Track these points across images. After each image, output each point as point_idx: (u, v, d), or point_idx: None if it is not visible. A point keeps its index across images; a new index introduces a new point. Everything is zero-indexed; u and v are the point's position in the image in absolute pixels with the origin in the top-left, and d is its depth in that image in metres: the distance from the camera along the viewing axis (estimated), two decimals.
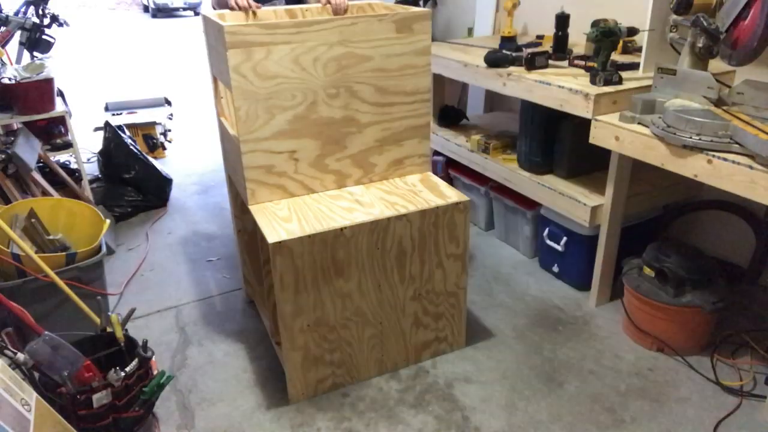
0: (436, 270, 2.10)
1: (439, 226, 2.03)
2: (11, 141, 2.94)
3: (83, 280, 2.24)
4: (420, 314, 2.14)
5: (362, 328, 2.06)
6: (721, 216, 2.63)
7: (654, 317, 2.21)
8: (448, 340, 2.26)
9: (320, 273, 1.91)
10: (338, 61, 1.95)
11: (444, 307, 2.18)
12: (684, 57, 2.09)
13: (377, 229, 1.93)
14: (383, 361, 2.16)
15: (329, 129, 2.04)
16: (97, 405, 1.67)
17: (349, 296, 1.98)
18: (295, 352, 1.98)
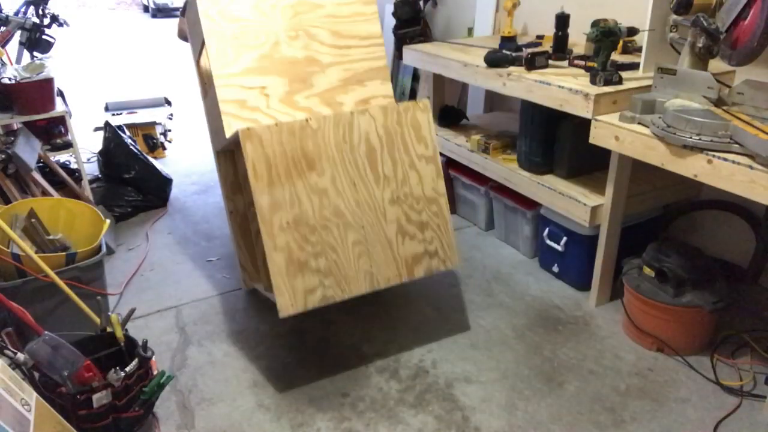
0: (410, 171, 2.16)
1: (403, 124, 2.15)
2: (11, 141, 2.94)
3: (83, 280, 2.24)
4: (403, 221, 2.14)
5: (344, 232, 2.05)
6: (721, 216, 2.63)
7: (654, 317, 2.21)
8: (440, 255, 2.20)
9: (292, 165, 1.99)
10: (293, 8, 2.26)
11: (427, 215, 2.17)
12: (684, 57, 2.09)
13: (342, 122, 2.06)
14: (373, 275, 2.09)
15: (294, 68, 2.25)
16: (97, 405, 1.67)
17: (326, 193, 2.03)
18: (277, 253, 1.95)
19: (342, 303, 2.62)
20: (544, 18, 3.29)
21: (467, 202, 3.36)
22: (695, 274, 2.14)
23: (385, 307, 2.60)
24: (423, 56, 3.24)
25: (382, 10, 4.94)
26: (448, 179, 3.40)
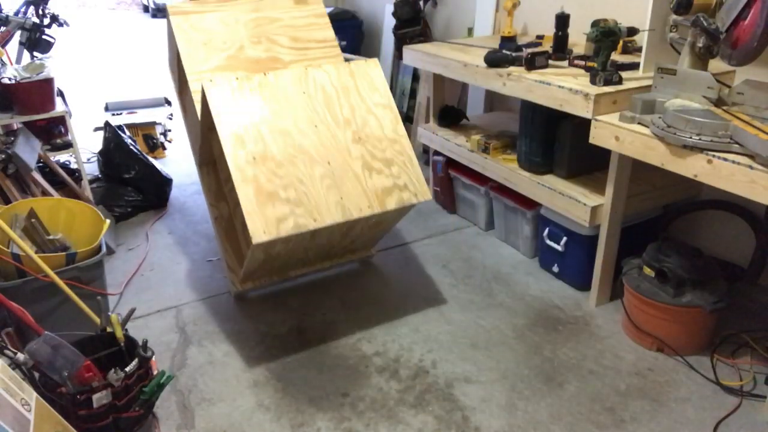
0: (368, 116, 2.33)
1: (356, 77, 2.37)
2: (11, 141, 2.94)
3: (83, 280, 2.24)
4: (368, 158, 2.26)
5: (311, 167, 2.16)
6: (721, 216, 2.63)
7: (654, 317, 2.21)
8: (410, 188, 2.29)
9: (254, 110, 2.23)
10: (255, 21, 2.59)
11: (391, 153, 2.30)
12: (684, 57, 2.09)
13: (297, 75, 2.29)
14: (344, 205, 2.16)
15: (258, 65, 2.52)
16: (97, 405, 1.67)
17: (288, 133, 2.18)
18: (246, 184, 2.05)
19: (341, 302, 2.64)
20: (544, 18, 3.29)
21: (467, 202, 3.36)
22: (695, 274, 2.14)
23: (385, 307, 2.61)
24: (423, 56, 3.24)
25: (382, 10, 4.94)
26: (448, 179, 3.40)
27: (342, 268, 2.91)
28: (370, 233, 2.56)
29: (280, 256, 2.37)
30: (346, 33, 5.18)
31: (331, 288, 2.77)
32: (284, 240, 2.09)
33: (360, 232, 2.46)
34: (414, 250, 3.09)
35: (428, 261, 2.97)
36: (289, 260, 2.51)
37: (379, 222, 2.38)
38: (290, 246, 2.26)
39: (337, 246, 2.58)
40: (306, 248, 2.41)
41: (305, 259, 2.58)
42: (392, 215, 2.33)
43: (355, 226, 2.33)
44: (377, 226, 2.45)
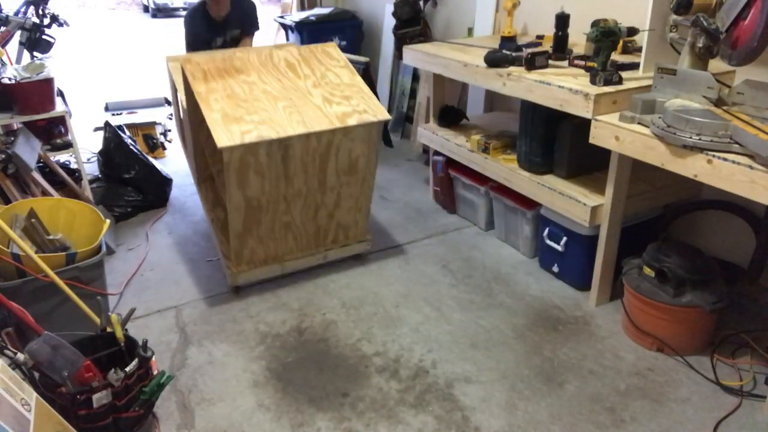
0: (327, 72, 2.64)
1: (316, 53, 2.75)
2: (11, 141, 2.94)
3: (83, 280, 2.24)
4: (327, 95, 2.51)
5: (274, 102, 2.43)
6: (721, 216, 2.62)
7: (654, 317, 2.21)
8: (369, 112, 2.47)
9: (224, 72, 2.52)
10: None
11: (349, 92, 2.54)
12: (684, 57, 2.09)
13: (263, 52, 2.68)
14: (305, 122, 2.36)
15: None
16: (97, 405, 1.67)
17: (254, 84, 2.50)
18: (214, 112, 2.30)
19: (341, 303, 2.64)
20: (544, 18, 3.28)
21: (467, 202, 3.36)
22: (695, 274, 2.14)
23: (385, 307, 2.61)
24: (423, 56, 3.24)
25: (382, 10, 4.94)
26: (448, 179, 3.40)
27: (342, 269, 2.91)
28: (349, 179, 2.60)
29: (261, 205, 2.44)
30: (346, 33, 5.18)
31: (331, 288, 2.77)
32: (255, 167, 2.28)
33: (336, 172, 2.53)
34: (414, 250, 3.09)
35: (428, 261, 2.97)
36: (274, 223, 2.56)
37: (350, 152, 2.49)
38: (265, 186, 2.37)
39: (321, 205, 2.62)
40: (286, 199, 2.48)
41: (291, 224, 2.62)
42: (358, 138, 2.45)
43: (328, 162, 2.46)
44: (351, 162, 2.53)
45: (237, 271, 2.65)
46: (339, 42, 5.12)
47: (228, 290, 2.77)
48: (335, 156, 2.48)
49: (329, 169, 2.52)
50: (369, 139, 2.49)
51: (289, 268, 2.77)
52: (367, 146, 2.53)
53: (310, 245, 2.77)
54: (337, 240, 2.84)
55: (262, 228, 2.55)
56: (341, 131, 2.39)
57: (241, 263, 2.65)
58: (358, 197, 2.71)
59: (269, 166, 2.35)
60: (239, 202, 2.39)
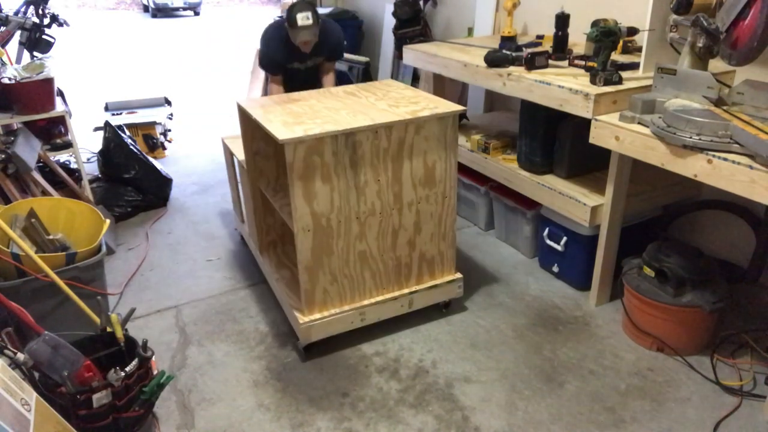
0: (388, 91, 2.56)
1: (375, 84, 2.74)
2: (11, 141, 2.94)
3: (83, 280, 2.24)
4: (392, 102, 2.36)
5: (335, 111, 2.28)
6: (721, 216, 2.63)
7: (654, 317, 2.21)
8: (439, 107, 2.26)
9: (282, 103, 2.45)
10: None
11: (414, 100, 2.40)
12: (684, 57, 2.09)
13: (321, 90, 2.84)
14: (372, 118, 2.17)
15: None
16: (97, 405, 1.67)
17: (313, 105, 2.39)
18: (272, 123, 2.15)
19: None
20: (544, 18, 3.29)
21: (467, 202, 3.36)
22: (695, 274, 2.14)
23: None
24: (423, 56, 3.24)
25: (382, 10, 4.94)
26: None
27: None
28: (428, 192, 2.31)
29: (331, 226, 2.15)
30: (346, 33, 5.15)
31: None
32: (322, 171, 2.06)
33: (412, 181, 2.25)
34: None
35: None
36: (348, 253, 2.23)
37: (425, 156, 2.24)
38: (334, 198, 2.12)
39: (400, 228, 2.30)
40: (359, 218, 2.19)
41: (367, 254, 2.27)
42: (432, 137, 2.22)
43: (401, 168, 2.22)
44: (428, 169, 2.27)
45: (309, 320, 2.23)
46: None
47: (227, 291, 2.76)
48: (409, 160, 2.21)
49: (404, 178, 2.23)
50: (445, 138, 2.24)
51: (369, 317, 2.36)
52: (443, 148, 2.26)
53: (391, 285, 2.39)
54: (422, 278, 2.45)
55: (334, 259, 2.21)
56: (413, 126, 2.16)
57: (312, 308, 2.25)
58: (440, 218, 2.38)
59: (336, 171, 2.09)
60: (307, 220, 2.10)
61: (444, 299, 2.51)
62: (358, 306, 2.31)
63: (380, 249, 2.29)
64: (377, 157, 2.15)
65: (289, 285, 2.50)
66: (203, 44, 11.43)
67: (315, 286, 2.22)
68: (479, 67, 2.75)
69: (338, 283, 2.26)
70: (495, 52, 2.68)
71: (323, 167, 2.06)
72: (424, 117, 2.16)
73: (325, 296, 2.26)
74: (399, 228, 2.30)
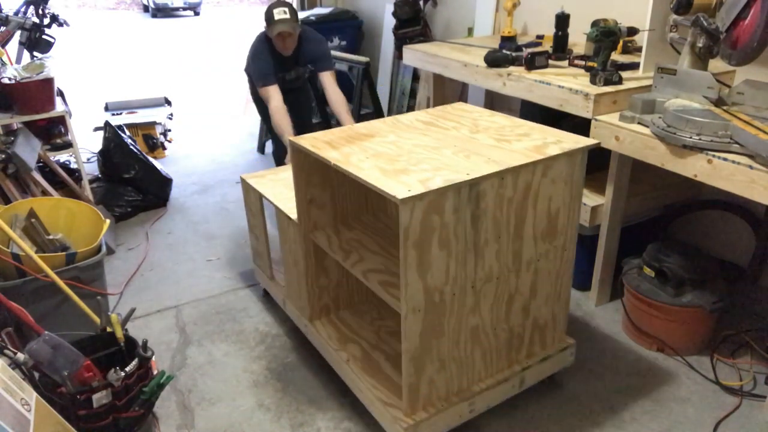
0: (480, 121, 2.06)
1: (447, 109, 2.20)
2: (11, 141, 2.94)
3: (83, 280, 2.24)
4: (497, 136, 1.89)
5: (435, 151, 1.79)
6: (721, 216, 2.63)
7: (654, 317, 2.21)
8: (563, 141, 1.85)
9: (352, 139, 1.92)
10: None
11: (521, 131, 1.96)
12: (684, 57, 2.09)
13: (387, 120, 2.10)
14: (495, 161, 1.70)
15: None
16: (97, 405, 1.67)
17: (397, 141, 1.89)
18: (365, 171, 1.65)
19: None
20: (544, 18, 3.29)
21: None
22: (695, 274, 2.14)
23: None
24: (423, 56, 3.24)
25: (382, 10, 4.94)
26: None
27: None
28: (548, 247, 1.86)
29: (444, 301, 1.67)
30: (346, 33, 5.18)
31: None
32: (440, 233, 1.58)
33: (534, 235, 1.80)
34: None
35: None
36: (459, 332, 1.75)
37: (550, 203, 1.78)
38: (450, 266, 1.65)
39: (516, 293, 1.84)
40: (475, 287, 1.73)
41: (479, 329, 1.80)
42: (560, 179, 1.77)
43: (524, 219, 1.74)
44: (551, 218, 1.81)
45: (414, 422, 1.73)
46: (339, 42, 5.12)
47: (227, 291, 2.76)
48: (533, 209, 1.76)
49: (526, 232, 1.78)
50: (571, 179, 1.80)
51: (479, 407, 1.89)
52: (569, 192, 1.83)
53: (501, 362, 1.93)
54: (533, 350, 2.00)
55: (443, 342, 1.73)
56: (541, 167, 1.71)
57: (417, 406, 1.76)
58: (557, 276, 1.93)
59: (456, 232, 1.62)
60: (418, 299, 1.62)
61: (555, 370, 2.07)
62: (467, 395, 1.85)
63: (494, 321, 1.84)
64: (501, 209, 1.69)
65: (365, 368, 1.99)
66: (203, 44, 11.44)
67: (420, 378, 1.73)
68: (479, 67, 2.75)
69: (446, 370, 1.79)
70: (495, 52, 2.68)
71: (442, 229, 1.59)
72: (553, 156, 1.72)
73: (431, 388, 1.77)
74: (515, 293, 1.85)
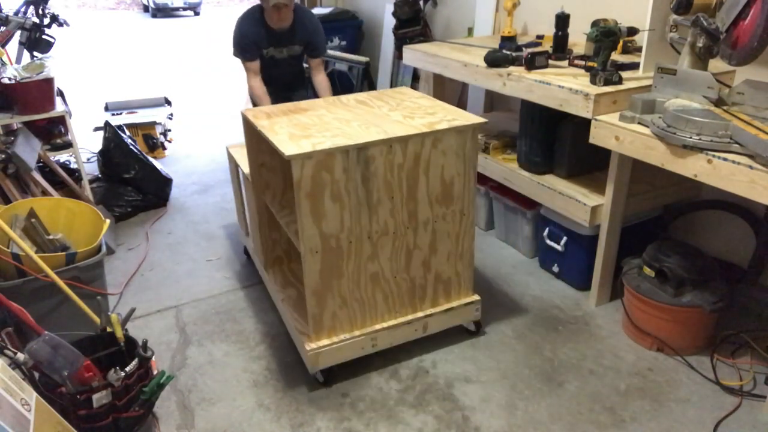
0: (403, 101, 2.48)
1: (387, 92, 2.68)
2: (11, 141, 2.94)
3: (83, 280, 2.24)
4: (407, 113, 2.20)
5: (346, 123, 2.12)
6: (721, 216, 2.62)
7: (654, 317, 2.21)
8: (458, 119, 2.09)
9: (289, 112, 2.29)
10: None
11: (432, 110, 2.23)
12: (684, 57, 2.09)
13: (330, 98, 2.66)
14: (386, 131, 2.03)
15: None
16: (97, 405, 1.67)
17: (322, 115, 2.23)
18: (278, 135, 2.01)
19: None
20: (544, 18, 3.29)
21: None
22: (695, 274, 2.14)
23: None
24: (423, 56, 3.24)
25: (382, 10, 4.94)
26: None
27: None
28: (445, 211, 2.14)
29: (341, 247, 1.99)
30: (346, 33, 5.19)
31: None
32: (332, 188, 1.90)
33: (429, 199, 2.09)
34: None
35: None
36: (359, 275, 2.08)
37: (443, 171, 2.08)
38: (345, 218, 1.96)
39: (414, 248, 2.14)
40: (371, 238, 2.04)
41: (379, 276, 2.12)
42: (451, 151, 2.05)
43: (417, 184, 2.05)
44: (445, 185, 2.10)
45: (317, 347, 2.08)
46: (339, 42, 5.12)
47: (227, 291, 2.76)
48: (425, 176, 2.05)
49: (420, 195, 2.07)
50: (464, 153, 2.08)
51: (381, 343, 2.20)
52: (462, 163, 2.10)
53: (404, 308, 2.23)
54: (437, 301, 2.29)
55: (344, 282, 2.06)
56: (429, 140, 1.99)
57: (321, 335, 2.10)
58: (458, 237, 2.20)
59: (348, 188, 1.93)
60: (315, 242, 1.95)
61: (460, 322, 2.35)
62: (369, 331, 2.16)
63: (393, 270, 2.14)
64: (391, 173, 1.99)
65: (295, 306, 2.34)
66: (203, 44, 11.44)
67: (323, 311, 2.07)
68: (479, 67, 2.75)
69: (348, 307, 2.11)
70: (495, 52, 2.68)
71: (333, 185, 1.91)
72: (441, 129, 2.00)
73: (335, 321, 2.11)
74: (414, 248, 2.14)
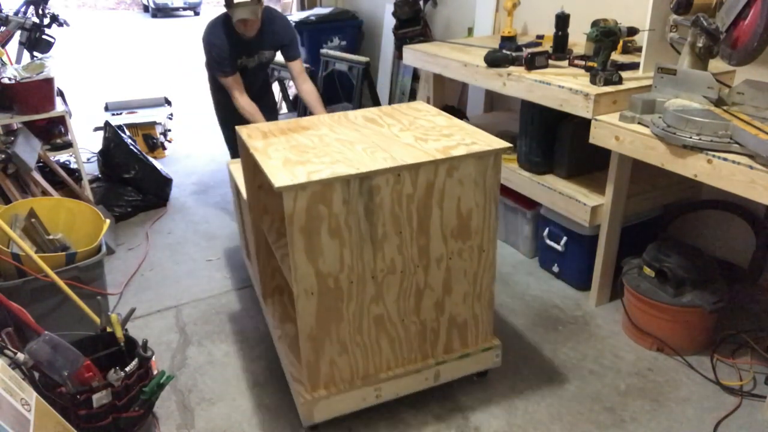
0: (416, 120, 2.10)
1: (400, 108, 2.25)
2: (11, 141, 2.94)
3: (83, 280, 2.24)
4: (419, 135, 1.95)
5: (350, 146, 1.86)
6: (721, 216, 2.63)
7: (654, 317, 2.21)
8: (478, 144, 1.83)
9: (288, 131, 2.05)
10: None
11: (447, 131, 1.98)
12: (684, 57, 2.09)
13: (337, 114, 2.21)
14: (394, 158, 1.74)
15: None
16: (97, 405, 1.67)
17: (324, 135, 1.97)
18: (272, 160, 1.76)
19: None
20: (544, 18, 3.29)
21: None
22: (695, 274, 2.14)
23: None
24: (423, 56, 3.24)
25: (382, 10, 4.94)
26: None
27: None
28: (461, 246, 1.88)
29: (340, 287, 1.76)
30: (346, 33, 5.19)
31: None
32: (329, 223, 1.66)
33: (443, 233, 1.83)
34: None
35: None
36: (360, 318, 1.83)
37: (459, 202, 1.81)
38: (344, 255, 1.72)
39: (425, 288, 1.89)
40: (375, 278, 1.80)
41: (384, 319, 1.87)
42: (468, 179, 1.79)
43: (429, 217, 1.79)
44: (462, 218, 1.83)
45: (312, 398, 1.84)
46: (339, 42, 5.12)
47: (227, 291, 2.76)
48: (439, 208, 1.78)
49: (432, 229, 1.80)
50: (484, 181, 1.81)
51: (386, 393, 1.95)
52: (482, 193, 1.82)
53: (413, 353, 1.97)
54: (451, 346, 2.03)
55: (343, 327, 1.81)
56: (444, 167, 1.73)
57: (317, 385, 1.86)
58: (476, 275, 1.94)
59: (348, 223, 1.68)
60: (310, 282, 1.70)
61: (477, 369, 2.09)
62: (373, 380, 1.92)
63: (401, 313, 1.88)
64: (400, 205, 1.73)
65: (290, 347, 2.10)
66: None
67: (320, 358, 1.83)
68: (479, 67, 2.75)
69: (349, 354, 1.87)
70: (495, 52, 2.68)
71: (331, 219, 1.66)
72: (458, 156, 1.74)
73: (333, 369, 1.86)
74: (425, 288, 1.88)
